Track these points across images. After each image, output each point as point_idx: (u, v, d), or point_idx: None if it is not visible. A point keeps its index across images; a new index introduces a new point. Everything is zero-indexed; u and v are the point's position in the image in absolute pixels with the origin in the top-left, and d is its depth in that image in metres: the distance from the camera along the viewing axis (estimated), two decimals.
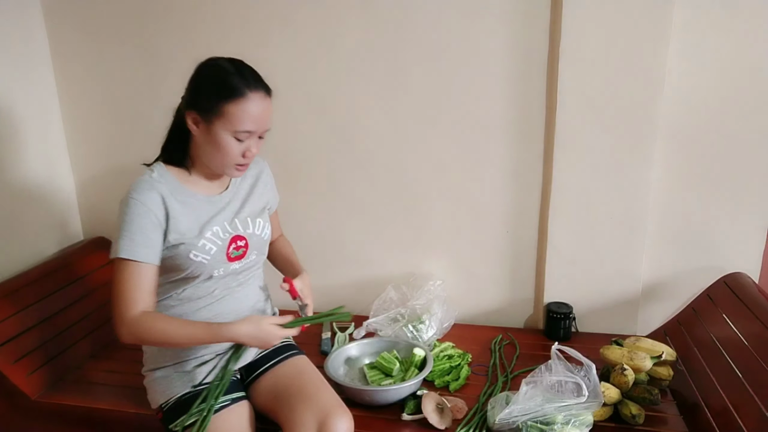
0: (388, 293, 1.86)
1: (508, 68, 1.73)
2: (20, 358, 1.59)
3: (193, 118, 1.25)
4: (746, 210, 1.72)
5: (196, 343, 1.27)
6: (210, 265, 1.31)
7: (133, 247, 1.21)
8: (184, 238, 1.27)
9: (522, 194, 1.84)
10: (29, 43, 1.92)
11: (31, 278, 1.78)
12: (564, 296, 1.85)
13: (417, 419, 1.43)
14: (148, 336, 1.23)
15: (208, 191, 1.35)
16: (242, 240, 1.36)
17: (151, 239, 1.23)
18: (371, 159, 1.89)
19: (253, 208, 1.41)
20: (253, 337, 1.24)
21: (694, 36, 1.61)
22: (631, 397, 1.45)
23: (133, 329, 1.21)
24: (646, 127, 1.65)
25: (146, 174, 1.29)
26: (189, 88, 1.28)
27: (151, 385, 1.38)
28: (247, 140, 1.25)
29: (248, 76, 1.23)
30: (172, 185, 1.29)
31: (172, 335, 1.23)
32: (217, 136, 1.23)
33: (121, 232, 1.21)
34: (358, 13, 1.76)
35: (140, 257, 1.22)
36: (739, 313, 1.51)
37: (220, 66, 1.25)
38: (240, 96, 1.20)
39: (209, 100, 1.22)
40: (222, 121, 1.21)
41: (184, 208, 1.28)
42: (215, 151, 1.25)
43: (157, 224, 1.24)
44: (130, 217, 1.22)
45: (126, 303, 1.21)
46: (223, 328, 1.23)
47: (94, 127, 2.05)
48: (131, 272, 1.22)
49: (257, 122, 1.23)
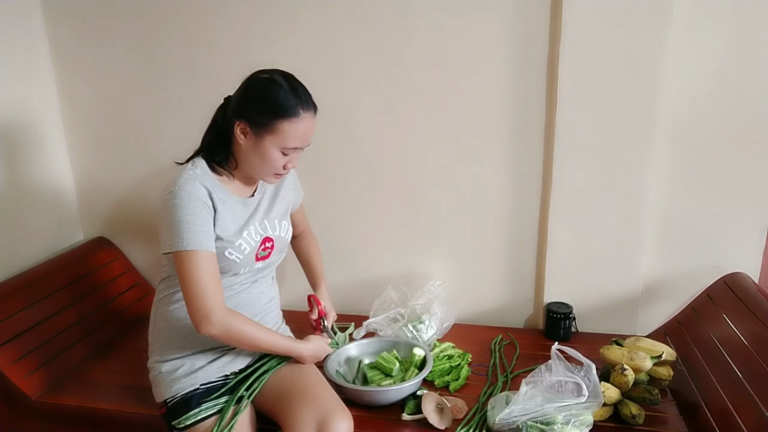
0: (388, 293, 1.86)
1: (508, 68, 1.72)
2: (20, 358, 1.59)
3: (242, 128, 1.28)
4: (746, 210, 1.72)
5: (273, 351, 1.38)
6: (240, 263, 1.35)
7: (200, 239, 1.23)
8: (224, 236, 1.30)
9: (522, 194, 1.84)
10: (29, 43, 1.92)
11: (31, 278, 1.79)
12: (564, 296, 1.84)
13: (417, 419, 1.43)
14: (238, 333, 1.27)
15: (241, 193, 1.39)
16: (270, 241, 1.41)
17: (209, 230, 1.26)
18: (371, 159, 1.89)
19: (279, 210, 1.46)
20: (313, 355, 1.41)
21: (694, 36, 1.61)
22: (631, 397, 1.45)
23: (226, 321, 1.24)
24: (646, 126, 1.65)
25: (190, 169, 1.30)
26: (240, 99, 1.29)
27: (156, 379, 1.39)
28: (291, 154, 1.30)
29: (302, 95, 1.27)
30: (214, 184, 1.32)
31: (259, 339, 1.31)
32: (264, 149, 1.27)
33: (181, 225, 1.22)
34: (359, 14, 1.76)
35: (208, 247, 1.25)
36: (739, 313, 1.51)
37: (275, 81, 1.27)
38: (294, 116, 1.25)
39: (263, 116, 1.25)
40: (272, 137, 1.26)
41: (224, 207, 1.32)
42: (259, 162, 1.29)
43: (210, 216, 1.28)
44: (187, 209, 1.23)
45: (210, 293, 1.23)
46: (296, 344, 1.38)
47: (94, 127, 2.05)
48: (204, 262, 1.23)
49: (304, 139, 1.29)
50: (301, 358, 1.40)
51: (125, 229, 2.14)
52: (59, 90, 2.02)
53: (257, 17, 1.82)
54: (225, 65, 1.87)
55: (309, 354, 1.40)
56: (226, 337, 1.27)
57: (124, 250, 2.15)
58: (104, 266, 2.04)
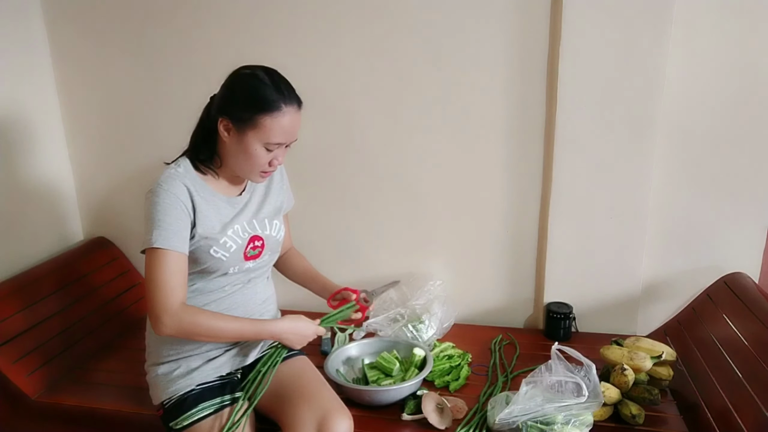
0: (388, 293, 1.86)
1: (508, 68, 1.72)
2: (20, 358, 1.59)
3: (225, 125, 1.27)
4: (746, 210, 1.72)
5: (240, 338, 1.33)
6: (227, 262, 1.33)
7: (168, 237, 1.22)
8: (208, 234, 1.29)
9: (522, 194, 1.84)
10: (29, 44, 1.92)
11: (31, 278, 1.79)
12: (564, 296, 1.84)
13: (417, 419, 1.43)
14: (193, 328, 1.24)
15: (228, 192, 1.38)
16: (260, 240, 1.39)
17: (182, 230, 1.25)
18: (371, 159, 1.89)
19: (269, 209, 1.44)
20: (291, 332, 1.33)
21: (694, 35, 1.61)
22: (631, 397, 1.45)
23: (177, 319, 1.22)
24: (646, 126, 1.65)
25: (173, 168, 1.30)
26: (223, 95, 1.29)
27: (153, 381, 1.38)
28: (275, 150, 1.28)
29: (284, 89, 1.26)
30: (197, 182, 1.31)
31: (220, 328, 1.26)
32: (247, 145, 1.26)
33: (154, 223, 1.22)
34: (360, 15, 1.76)
35: (175, 247, 1.23)
36: (739, 313, 1.51)
37: (256, 77, 1.26)
38: (276, 110, 1.23)
39: (244, 111, 1.24)
40: (255, 132, 1.24)
41: (207, 205, 1.31)
42: (243, 159, 1.28)
43: (187, 215, 1.26)
44: (161, 207, 1.23)
45: (166, 292, 1.21)
46: (267, 324, 1.32)
47: (94, 128, 2.05)
48: (168, 261, 1.22)
49: (288, 135, 1.28)
50: (279, 338, 1.33)
51: (125, 229, 2.14)
52: (59, 90, 2.02)
53: (257, 18, 1.82)
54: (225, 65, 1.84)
55: (286, 331, 1.32)
56: (184, 335, 1.24)
57: (124, 250, 2.15)
58: (104, 266, 2.04)
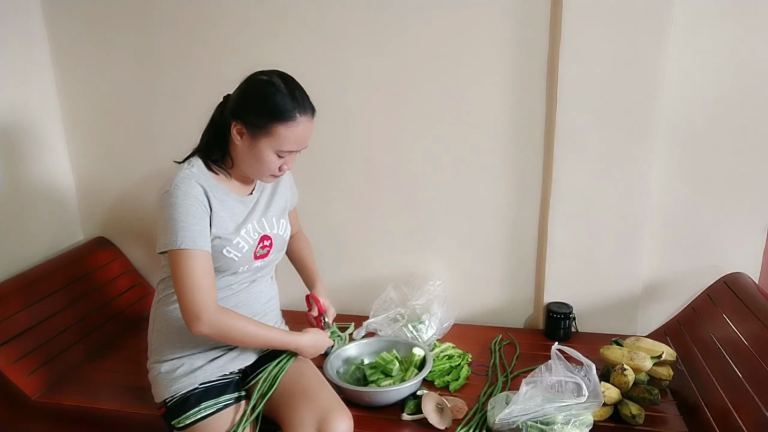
0: (388, 293, 1.86)
1: (508, 68, 1.72)
2: (20, 358, 1.59)
3: (238, 129, 1.27)
4: (746, 210, 1.72)
5: (266, 346, 1.38)
6: (239, 262, 1.34)
7: (194, 238, 1.23)
8: (222, 234, 1.30)
9: (522, 194, 1.84)
10: (29, 44, 1.92)
11: (31, 278, 1.79)
12: (564, 296, 1.84)
13: (417, 419, 1.43)
14: (230, 330, 1.25)
15: (239, 192, 1.38)
16: (268, 240, 1.40)
17: (205, 229, 1.26)
18: (371, 159, 1.89)
19: (277, 209, 1.46)
20: (312, 346, 1.39)
21: (694, 35, 1.61)
22: (631, 397, 1.45)
23: (216, 319, 1.23)
24: (646, 126, 1.65)
25: (186, 168, 1.30)
26: (238, 99, 1.29)
27: (155, 379, 1.38)
28: (286, 156, 1.29)
29: (299, 97, 1.26)
30: (211, 183, 1.31)
31: (255, 334, 1.30)
32: (259, 150, 1.26)
33: (177, 224, 1.22)
34: (360, 15, 1.76)
35: (202, 246, 1.24)
36: (739, 313, 1.51)
37: (272, 84, 1.26)
38: (290, 119, 1.24)
39: (259, 118, 1.24)
40: (268, 140, 1.25)
41: (222, 205, 1.32)
42: (254, 163, 1.29)
43: (206, 215, 1.27)
44: (182, 208, 1.23)
45: (202, 292, 1.22)
46: (294, 337, 1.37)
47: (94, 128, 2.05)
48: (198, 262, 1.23)
49: (301, 143, 1.29)
50: (300, 350, 1.38)
51: (125, 229, 2.14)
52: (59, 90, 2.02)
53: (257, 17, 1.82)
54: (225, 65, 1.87)
55: (308, 345, 1.38)
56: (219, 336, 1.26)
57: (124, 250, 2.15)
58: (104, 266, 2.04)
